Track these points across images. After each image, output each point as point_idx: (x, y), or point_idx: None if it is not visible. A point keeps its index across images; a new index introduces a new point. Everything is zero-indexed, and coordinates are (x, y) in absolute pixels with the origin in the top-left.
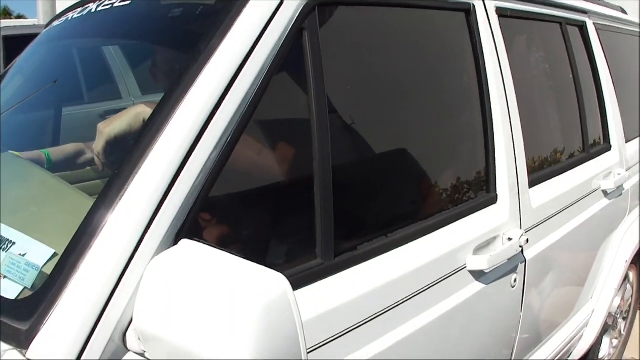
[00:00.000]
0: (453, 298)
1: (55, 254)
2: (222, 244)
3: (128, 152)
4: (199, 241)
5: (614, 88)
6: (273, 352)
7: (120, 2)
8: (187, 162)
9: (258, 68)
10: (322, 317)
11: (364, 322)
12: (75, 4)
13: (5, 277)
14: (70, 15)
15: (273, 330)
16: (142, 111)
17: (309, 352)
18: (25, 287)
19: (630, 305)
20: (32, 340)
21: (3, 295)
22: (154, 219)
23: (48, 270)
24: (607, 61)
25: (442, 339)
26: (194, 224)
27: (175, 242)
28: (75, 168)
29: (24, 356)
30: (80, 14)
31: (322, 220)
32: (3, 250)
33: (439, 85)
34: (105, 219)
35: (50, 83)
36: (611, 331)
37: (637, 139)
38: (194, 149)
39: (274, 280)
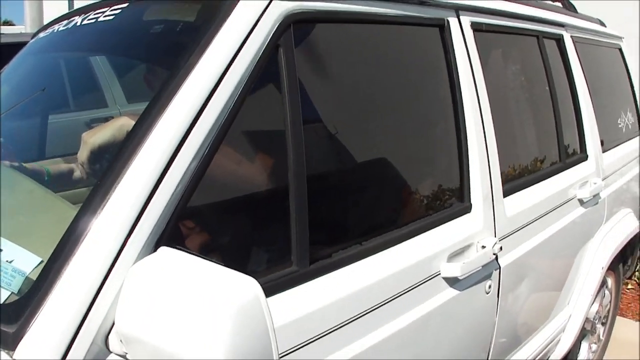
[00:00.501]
0: (428, 303)
1: (41, 262)
2: (201, 251)
3: (110, 162)
4: (178, 248)
5: (591, 99)
6: (246, 353)
7: (105, 16)
8: (166, 172)
9: (235, 82)
10: (298, 322)
11: (338, 326)
12: (61, 16)
13: None
14: (56, 27)
15: (246, 331)
16: (125, 123)
17: (285, 355)
18: (12, 292)
19: (609, 311)
20: (19, 342)
21: None
22: (134, 227)
23: (34, 276)
24: (584, 73)
25: (417, 343)
26: (174, 232)
27: (155, 250)
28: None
29: (11, 357)
30: (65, 27)
31: (297, 228)
32: None
33: (414, 98)
34: (89, 227)
35: (38, 91)
36: (590, 336)
37: (614, 148)
38: (173, 159)
39: (246, 284)
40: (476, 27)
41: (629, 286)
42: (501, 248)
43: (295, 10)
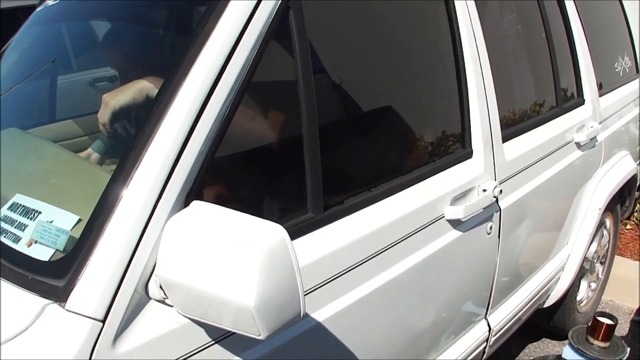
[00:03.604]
0: (433, 244)
1: (79, 220)
2: (225, 204)
3: (140, 126)
4: (208, 202)
5: (587, 43)
6: (275, 291)
7: None
8: (193, 132)
9: (250, 45)
10: (316, 264)
11: (352, 267)
12: None
13: (36, 242)
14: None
15: (274, 271)
16: (145, 86)
17: (306, 294)
18: (56, 250)
19: (607, 250)
20: (70, 294)
21: (37, 258)
22: (166, 184)
23: (75, 234)
24: (580, 18)
25: (425, 281)
26: (201, 187)
27: (186, 204)
28: None
29: (63, 308)
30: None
31: (311, 177)
32: (32, 220)
33: (416, 49)
34: (125, 187)
35: (49, 63)
36: (589, 275)
37: (611, 92)
38: (198, 119)
39: (273, 230)
40: None
41: (628, 226)
42: (501, 191)
43: None
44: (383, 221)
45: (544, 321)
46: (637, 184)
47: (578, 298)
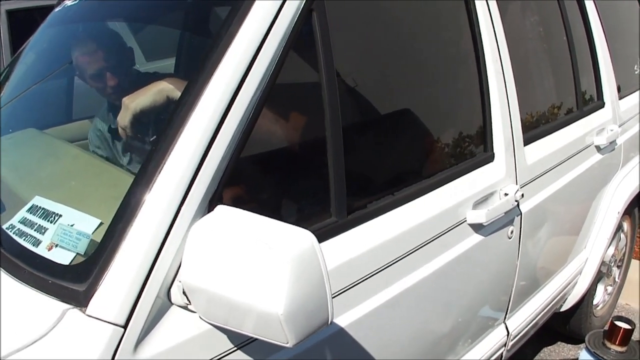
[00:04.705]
0: (455, 249)
1: (101, 223)
2: (248, 208)
3: (163, 128)
4: (232, 206)
5: (608, 46)
6: (303, 300)
7: None
8: (216, 136)
9: (274, 48)
10: (337, 269)
11: (374, 272)
12: None
13: (57, 245)
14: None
15: (304, 278)
16: (164, 87)
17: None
18: (77, 254)
19: (624, 254)
20: (91, 298)
21: (57, 261)
22: (190, 188)
23: (96, 237)
24: (600, 20)
25: (446, 286)
26: (224, 192)
27: (209, 208)
28: None
29: (84, 313)
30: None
31: (334, 181)
32: (52, 223)
33: (439, 51)
34: (148, 190)
35: (65, 64)
36: (605, 279)
37: (631, 95)
38: (222, 123)
39: (302, 235)
40: None
41: None
42: (522, 195)
43: None
44: (406, 225)
45: (560, 325)
46: None
47: (594, 302)
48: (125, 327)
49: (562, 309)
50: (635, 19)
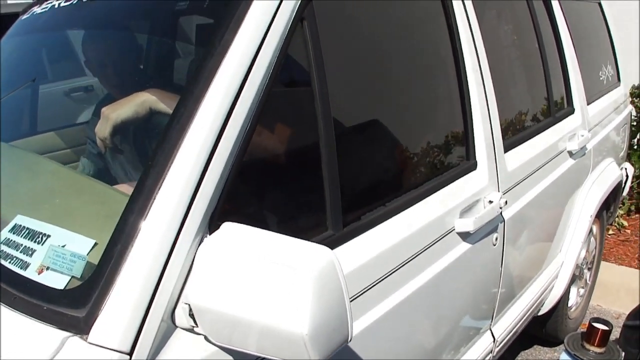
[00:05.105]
0: (445, 258)
1: (95, 244)
2: (247, 223)
3: (159, 143)
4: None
5: (576, 54)
6: (325, 318)
7: None
8: (215, 149)
9: (269, 58)
10: None
11: (371, 285)
12: None
13: (48, 268)
14: (36, 9)
15: (325, 298)
16: (147, 99)
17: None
18: (72, 277)
19: (594, 256)
20: (92, 325)
21: (51, 286)
22: (191, 206)
23: (92, 259)
24: (569, 28)
25: (438, 297)
26: (223, 208)
27: (210, 227)
28: None
29: (86, 341)
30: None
31: (330, 195)
32: (39, 244)
33: (423, 64)
34: (147, 209)
35: (29, 82)
36: (578, 281)
37: (597, 100)
38: (221, 136)
39: (322, 252)
40: None
41: (610, 232)
42: (506, 202)
43: None
44: (399, 236)
45: (537, 328)
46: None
47: (569, 304)
48: (130, 354)
49: (541, 313)
50: (599, 26)
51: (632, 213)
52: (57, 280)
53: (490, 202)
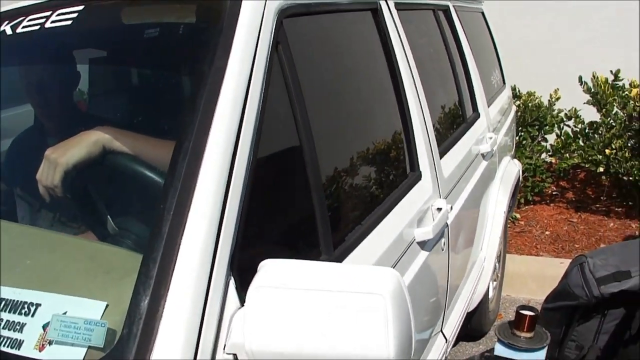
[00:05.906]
0: (411, 269)
1: (107, 306)
2: (251, 256)
3: (167, 186)
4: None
5: (475, 61)
6: (402, 339)
7: (54, 22)
8: (229, 187)
9: (260, 83)
10: None
11: None
12: None
13: (53, 342)
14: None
15: (400, 318)
16: (99, 138)
17: None
18: (89, 348)
19: (501, 250)
20: None
21: None
22: (216, 251)
23: (113, 324)
24: (467, 38)
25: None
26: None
27: (232, 271)
28: None
29: None
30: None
31: (320, 220)
32: (28, 315)
33: (372, 89)
34: (172, 262)
35: None
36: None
37: (493, 103)
38: (231, 173)
39: (391, 274)
40: (399, 7)
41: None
42: (451, 207)
43: (283, 6)
44: (380, 249)
45: (463, 325)
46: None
47: (489, 297)
48: None
49: (471, 308)
50: (484, 33)
51: (522, 205)
52: (69, 355)
53: (439, 208)
